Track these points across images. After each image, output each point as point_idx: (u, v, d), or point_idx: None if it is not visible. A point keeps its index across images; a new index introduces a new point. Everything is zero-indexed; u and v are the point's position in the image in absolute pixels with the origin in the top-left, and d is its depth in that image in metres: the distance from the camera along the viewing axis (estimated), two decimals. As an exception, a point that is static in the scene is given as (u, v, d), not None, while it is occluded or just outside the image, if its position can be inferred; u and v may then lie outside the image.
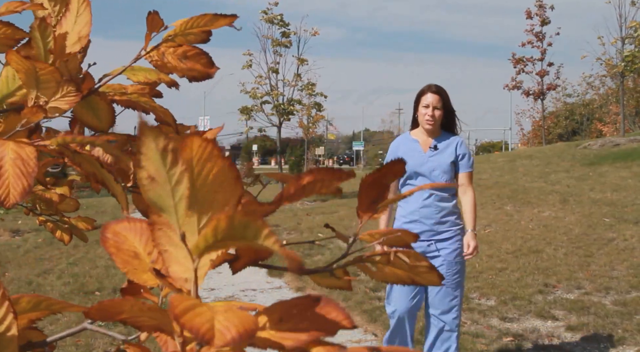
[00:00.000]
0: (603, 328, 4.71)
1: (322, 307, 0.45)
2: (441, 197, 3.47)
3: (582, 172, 12.89)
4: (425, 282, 0.60)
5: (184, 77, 0.63)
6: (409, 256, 0.58)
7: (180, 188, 0.41)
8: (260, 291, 6.52)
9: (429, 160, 3.50)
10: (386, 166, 0.57)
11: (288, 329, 0.43)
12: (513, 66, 23.97)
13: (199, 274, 0.44)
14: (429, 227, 3.45)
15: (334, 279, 0.62)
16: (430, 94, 3.53)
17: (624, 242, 7.47)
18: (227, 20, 0.59)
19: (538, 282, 6.09)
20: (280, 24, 13.61)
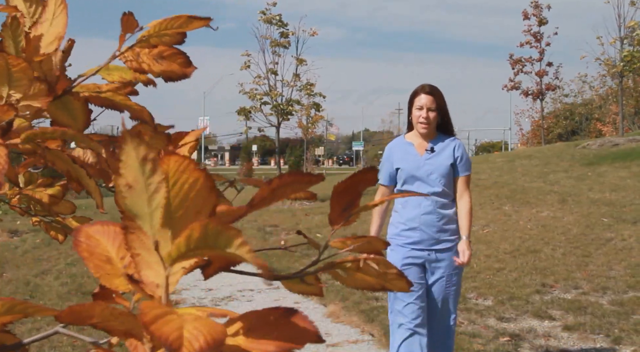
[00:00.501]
0: (600, 328, 4.72)
1: (292, 319, 0.46)
2: (443, 204, 3.32)
3: (581, 172, 12.90)
4: (396, 288, 0.61)
5: (160, 77, 0.63)
6: (379, 263, 0.59)
7: (157, 197, 0.41)
8: (258, 291, 6.53)
9: (426, 163, 3.33)
10: (358, 174, 0.57)
11: (257, 338, 0.44)
12: (511, 67, 23.98)
13: (171, 280, 0.44)
14: (430, 236, 3.28)
15: (306, 285, 0.62)
16: (424, 95, 3.33)
17: (622, 242, 7.47)
18: (202, 22, 0.60)
19: (535, 282, 6.09)
20: (279, 24, 13.62)
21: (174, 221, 0.43)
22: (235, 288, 6.66)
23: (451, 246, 3.32)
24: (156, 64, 0.63)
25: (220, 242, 0.40)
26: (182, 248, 0.41)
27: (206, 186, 0.42)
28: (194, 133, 0.96)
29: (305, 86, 14.15)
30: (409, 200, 3.31)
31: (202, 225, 0.39)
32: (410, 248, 3.30)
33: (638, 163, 12.59)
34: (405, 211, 3.34)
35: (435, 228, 3.28)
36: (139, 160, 0.40)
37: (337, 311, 5.51)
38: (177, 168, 0.41)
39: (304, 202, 14.20)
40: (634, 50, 15.96)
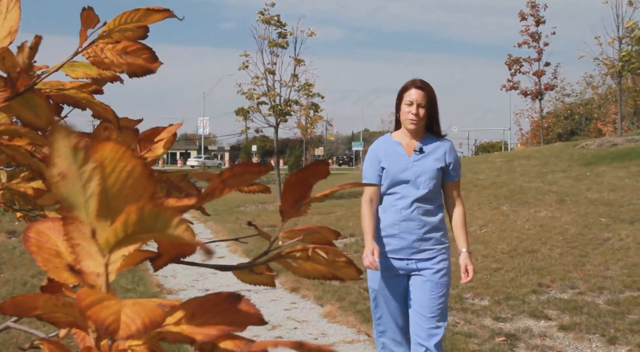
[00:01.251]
0: (595, 328, 4.71)
1: (235, 303, 0.46)
2: (426, 210, 3.01)
3: (580, 172, 12.90)
4: (345, 276, 0.61)
5: (124, 72, 0.63)
6: (327, 252, 0.59)
7: (91, 185, 0.41)
8: (255, 292, 6.52)
9: (414, 164, 3.03)
10: (310, 166, 0.57)
11: (200, 324, 0.44)
12: (508, 68, 24.00)
13: (111, 269, 0.44)
14: (409, 244, 2.99)
15: (257, 275, 0.62)
16: (415, 89, 3.03)
17: (620, 242, 7.47)
18: (161, 15, 0.59)
19: (532, 282, 6.09)
20: (277, 24, 13.61)
21: (112, 209, 0.42)
22: (232, 289, 6.63)
23: (435, 255, 3.02)
24: (120, 60, 0.62)
25: (158, 224, 0.40)
26: (120, 234, 0.41)
27: (144, 173, 0.42)
28: (170, 129, 0.96)
29: (303, 86, 14.15)
30: (390, 204, 3.05)
31: (138, 208, 0.39)
32: (389, 257, 3.03)
33: (636, 163, 12.59)
34: (385, 215, 3.07)
35: (415, 236, 2.99)
36: (71, 149, 0.40)
37: (333, 311, 5.51)
38: (114, 156, 0.41)
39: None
40: (632, 50, 15.96)
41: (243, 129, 14.85)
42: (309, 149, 38.45)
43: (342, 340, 4.80)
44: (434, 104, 3.09)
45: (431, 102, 3.06)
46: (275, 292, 6.46)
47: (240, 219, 11.92)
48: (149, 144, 0.95)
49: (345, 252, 8.35)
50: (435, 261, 3.02)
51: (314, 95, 14.65)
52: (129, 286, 6.53)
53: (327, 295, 6.03)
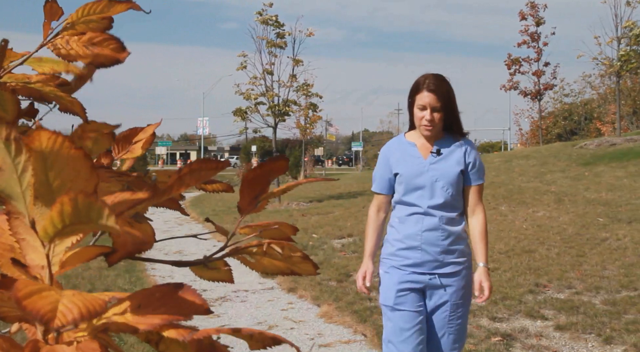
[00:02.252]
0: (591, 328, 4.71)
1: (181, 293, 0.46)
2: (449, 219, 2.72)
3: (578, 172, 12.90)
4: (302, 271, 0.61)
5: (91, 63, 0.63)
6: (283, 247, 0.59)
7: (27, 176, 0.41)
8: (253, 292, 6.52)
9: (431, 168, 2.73)
10: (268, 162, 0.57)
11: (145, 314, 0.44)
12: (508, 68, 24.00)
13: (54, 260, 0.44)
14: (433, 257, 2.70)
15: (215, 271, 0.62)
16: (427, 92, 2.71)
17: (617, 241, 7.47)
18: (124, 6, 0.59)
19: (529, 282, 6.08)
20: (275, 24, 13.61)
21: (52, 200, 0.42)
22: (230, 289, 6.64)
23: (459, 269, 2.73)
24: (87, 51, 0.62)
25: (92, 215, 0.40)
26: (58, 224, 0.40)
27: (85, 164, 0.42)
28: (149, 128, 0.95)
29: (301, 87, 14.14)
30: (408, 213, 2.76)
31: (71, 198, 0.39)
32: (409, 271, 2.74)
33: (635, 163, 12.59)
34: (404, 226, 2.76)
35: (440, 248, 2.70)
36: (3, 141, 0.40)
37: (330, 311, 5.51)
38: (52, 146, 0.41)
39: (301, 203, 14.19)
40: (631, 49, 15.97)
41: (241, 129, 14.85)
42: (309, 149, 38.43)
43: (339, 340, 4.80)
44: (451, 103, 2.77)
45: (448, 103, 2.75)
46: (273, 293, 6.46)
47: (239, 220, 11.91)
48: (127, 144, 0.94)
49: (343, 252, 8.35)
50: (460, 277, 2.73)
51: (312, 95, 14.66)
52: (126, 287, 6.53)
53: (324, 295, 6.03)
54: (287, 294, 6.38)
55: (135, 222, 0.52)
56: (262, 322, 5.33)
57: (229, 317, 5.50)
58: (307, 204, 13.98)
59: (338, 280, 6.67)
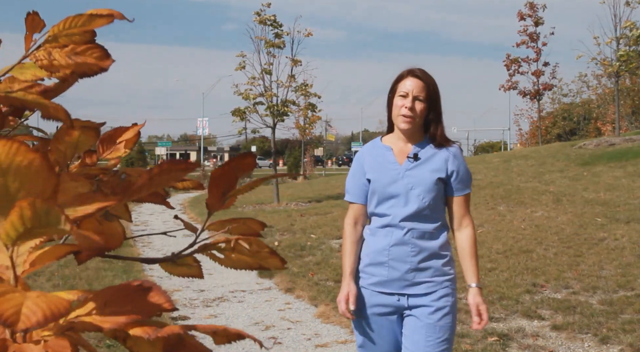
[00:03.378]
0: (588, 327, 4.72)
1: (146, 292, 0.46)
2: (423, 232, 2.39)
3: (577, 172, 12.90)
4: (271, 266, 0.61)
5: (74, 73, 0.63)
6: (250, 243, 0.60)
7: None
8: (250, 292, 6.53)
9: (406, 174, 2.41)
10: (235, 159, 0.57)
11: (111, 313, 0.44)
12: (507, 68, 24.01)
13: (18, 261, 0.45)
14: (401, 275, 2.37)
15: (185, 268, 0.63)
16: (411, 78, 2.40)
17: (615, 241, 7.47)
18: (105, 20, 0.60)
19: (526, 282, 6.09)
20: (273, 25, 13.62)
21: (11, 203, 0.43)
22: (227, 289, 6.65)
23: (433, 289, 2.39)
24: (69, 61, 0.63)
25: (51, 219, 0.40)
26: (19, 228, 0.41)
27: (43, 167, 0.43)
28: (133, 128, 0.96)
29: (300, 87, 14.15)
30: (379, 224, 2.45)
31: (29, 203, 0.39)
32: (375, 291, 2.43)
33: (633, 163, 12.59)
34: (373, 239, 2.46)
35: (409, 265, 2.37)
36: None
37: (327, 312, 5.51)
38: (8, 152, 0.42)
39: (299, 203, 14.20)
40: (630, 50, 15.97)
41: (240, 130, 14.85)
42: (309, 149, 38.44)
43: (335, 340, 4.81)
44: (435, 99, 2.44)
45: (432, 97, 2.42)
46: (270, 293, 6.47)
47: (237, 220, 11.91)
48: (111, 144, 0.95)
49: (340, 253, 8.35)
50: (434, 296, 2.37)
51: (311, 95, 14.66)
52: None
53: (322, 295, 6.03)
54: (284, 294, 6.38)
55: (105, 221, 0.52)
56: (259, 322, 5.34)
57: (226, 318, 5.50)
58: (306, 204, 13.98)
59: (335, 280, 6.67)
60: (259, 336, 5.01)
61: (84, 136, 0.81)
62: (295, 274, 7.02)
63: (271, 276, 7.14)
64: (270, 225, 10.93)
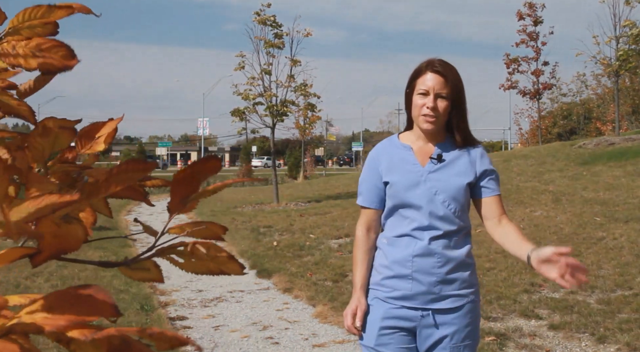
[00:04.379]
0: (585, 327, 4.71)
1: (91, 294, 0.46)
2: (449, 241, 2.19)
3: (576, 171, 12.89)
4: (231, 271, 0.61)
5: (37, 70, 0.63)
6: (208, 247, 0.59)
7: None
8: (248, 293, 6.53)
9: (429, 178, 2.20)
10: (198, 163, 0.57)
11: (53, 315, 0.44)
12: (506, 67, 24.00)
13: None
14: (427, 288, 2.17)
15: (145, 272, 0.63)
16: (432, 74, 2.18)
17: (613, 241, 7.46)
18: (65, 12, 0.60)
19: (524, 282, 6.09)
20: (273, 25, 13.62)
21: None
22: (225, 289, 6.66)
23: (461, 303, 2.19)
24: (34, 57, 0.62)
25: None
26: None
27: None
28: (110, 124, 0.96)
29: (299, 87, 14.14)
30: (398, 233, 2.24)
31: None
32: (397, 305, 2.21)
33: (633, 162, 12.58)
34: (393, 249, 2.24)
35: (435, 277, 2.17)
36: None
37: (325, 312, 5.51)
38: None
39: (299, 203, 14.19)
40: (629, 49, 15.96)
41: (239, 130, 14.85)
42: (309, 149, 38.43)
43: (332, 340, 4.81)
44: (459, 95, 2.22)
45: (457, 93, 2.21)
46: (268, 293, 6.47)
47: (237, 220, 11.91)
48: (89, 140, 0.95)
49: (340, 253, 8.35)
50: (461, 312, 2.19)
51: (310, 95, 14.66)
52: (121, 287, 6.53)
53: (319, 295, 6.03)
54: (282, 294, 6.38)
55: (64, 223, 0.52)
56: (256, 322, 5.34)
57: (224, 318, 5.51)
58: (306, 204, 13.98)
59: (334, 280, 6.67)
60: (256, 336, 5.02)
61: (61, 134, 0.82)
62: (294, 274, 7.02)
63: (270, 276, 7.14)
64: (270, 225, 10.93)
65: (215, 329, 5.13)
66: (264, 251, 8.54)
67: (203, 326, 5.24)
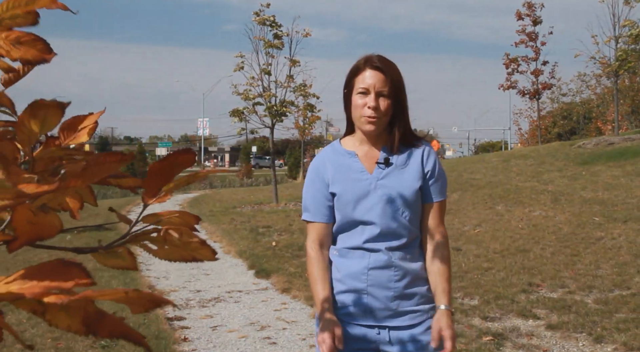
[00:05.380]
0: (582, 327, 4.72)
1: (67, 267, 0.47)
2: (404, 253, 2.03)
3: (575, 171, 12.89)
4: (203, 257, 0.62)
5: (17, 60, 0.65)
6: (180, 233, 0.60)
7: None
8: (247, 293, 6.53)
9: (379, 185, 2.02)
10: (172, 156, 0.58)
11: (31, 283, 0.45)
12: (506, 67, 24.00)
13: None
14: (383, 304, 2.00)
15: (119, 259, 0.63)
16: (371, 71, 2.01)
17: (612, 241, 7.47)
18: (47, 1, 0.61)
19: (522, 282, 6.09)
20: (273, 25, 13.62)
21: None
22: (224, 290, 6.66)
23: (421, 320, 2.03)
24: (14, 49, 0.64)
25: None
26: None
27: None
28: (92, 116, 0.97)
29: (298, 87, 14.15)
30: (350, 245, 2.05)
31: None
32: (352, 324, 2.02)
33: (632, 162, 12.58)
34: (345, 261, 2.05)
35: (392, 292, 2.00)
36: None
37: (322, 311, 5.51)
38: None
39: (298, 204, 14.20)
40: (629, 49, 15.96)
41: (239, 130, 14.85)
42: (309, 149, 38.46)
43: (330, 340, 4.81)
44: (400, 92, 2.04)
45: (397, 90, 2.02)
46: (267, 293, 6.47)
47: (236, 220, 11.92)
48: (72, 132, 0.96)
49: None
50: (420, 329, 2.02)
51: (309, 95, 14.66)
52: (120, 287, 6.53)
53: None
54: (280, 294, 6.39)
55: (40, 212, 0.53)
56: (254, 322, 5.34)
57: (221, 318, 5.51)
58: (305, 205, 13.98)
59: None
60: (254, 336, 5.03)
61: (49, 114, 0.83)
62: (292, 274, 7.03)
63: (268, 276, 7.14)
64: (269, 225, 10.94)
65: (212, 330, 5.13)
66: (262, 251, 8.55)
67: (201, 326, 5.25)
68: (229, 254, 8.80)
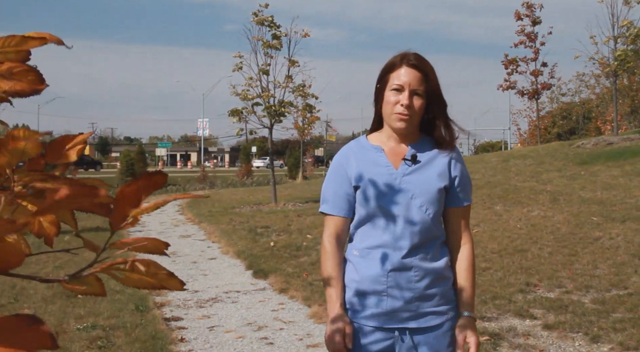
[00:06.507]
0: (579, 327, 4.72)
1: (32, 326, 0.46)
2: (427, 252, 1.99)
3: (574, 171, 12.89)
4: (171, 287, 0.62)
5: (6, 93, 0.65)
6: (147, 265, 0.60)
7: None
8: (244, 293, 6.53)
9: (404, 181, 1.99)
10: (143, 177, 0.57)
11: None
12: (505, 68, 24.00)
13: None
14: (402, 306, 1.97)
15: (87, 286, 0.63)
16: (407, 68, 1.97)
17: (610, 240, 7.47)
18: (38, 42, 0.61)
19: (520, 282, 6.09)
20: (271, 25, 13.61)
21: None
22: (222, 290, 6.65)
23: (441, 321, 2.00)
24: (5, 81, 0.64)
25: None
26: None
27: None
28: (80, 137, 0.97)
29: (297, 87, 14.14)
30: (370, 244, 2.01)
31: None
32: (370, 326, 1.99)
33: (631, 162, 12.58)
34: (364, 262, 2.01)
35: (413, 293, 1.97)
36: None
37: (320, 312, 5.51)
38: None
39: (297, 204, 14.20)
40: (628, 48, 15.96)
41: (237, 131, 14.84)
42: (308, 149, 38.43)
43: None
44: (436, 91, 2.01)
45: (432, 89, 1.99)
46: (264, 293, 6.47)
47: (235, 221, 11.91)
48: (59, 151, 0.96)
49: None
50: (442, 330, 2.00)
51: (308, 96, 14.65)
52: (117, 288, 6.53)
53: (315, 296, 6.03)
54: (278, 294, 6.38)
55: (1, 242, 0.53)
56: (251, 322, 5.34)
57: (219, 318, 5.51)
58: (303, 205, 13.99)
59: (330, 280, 6.67)
60: (251, 336, 5.03)
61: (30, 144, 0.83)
62: (290, 275, 7.03)
63: (266, 276, 7.14)
64: (267, 225, 10.93)
65: (210, 330, 5.13)
66: (260, 252, 8.55)
67: (198, 326, 5.25)
68: (227, 255, 8.79)
